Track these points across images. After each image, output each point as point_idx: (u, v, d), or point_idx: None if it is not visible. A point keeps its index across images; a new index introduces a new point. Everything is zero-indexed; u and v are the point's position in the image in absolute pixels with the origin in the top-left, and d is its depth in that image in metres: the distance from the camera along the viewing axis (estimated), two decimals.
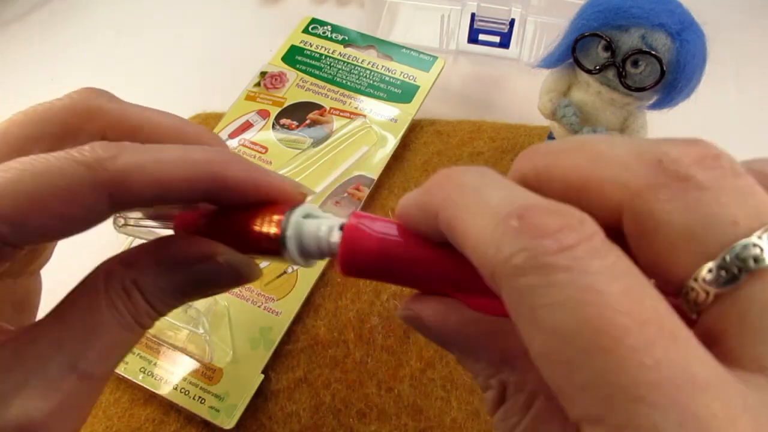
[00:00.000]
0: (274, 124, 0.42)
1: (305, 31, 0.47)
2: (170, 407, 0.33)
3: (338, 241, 0.18)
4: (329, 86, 0.44)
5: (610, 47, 0.32)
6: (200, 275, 0.19)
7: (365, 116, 0.42)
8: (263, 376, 0.33)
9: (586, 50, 0.33)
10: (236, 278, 0.20)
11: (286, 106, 0.43)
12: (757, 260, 0.13)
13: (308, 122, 0.42)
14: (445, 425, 0.32)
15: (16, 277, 0.22)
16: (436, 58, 0.45)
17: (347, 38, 0.46)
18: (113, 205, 0.18)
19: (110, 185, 0.17)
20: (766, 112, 0.45)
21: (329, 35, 0.46)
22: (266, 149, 0.41)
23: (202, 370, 0.33)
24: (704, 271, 0.13)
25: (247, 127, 0.42)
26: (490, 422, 0.32)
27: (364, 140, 0.41)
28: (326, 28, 0.47)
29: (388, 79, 0.44)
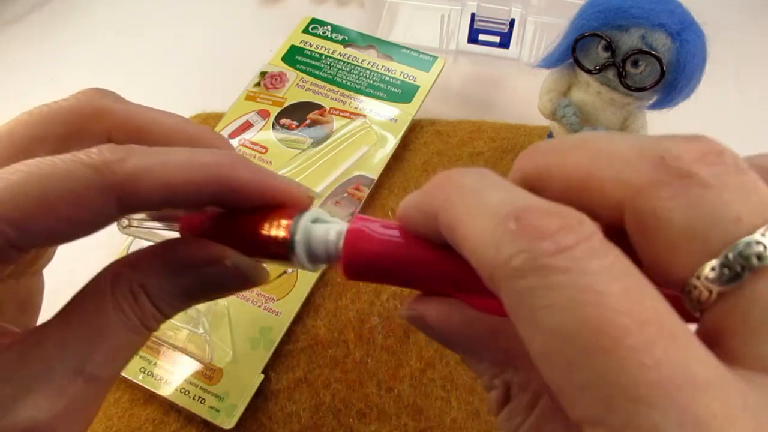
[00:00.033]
0: (274, 124, 0.42)
1: (305, 31, 0.47)
2: (170, 407, 0.33)
3: None
4: (329, 86, 0.44)
5: (610, 47, 0.32)
6: (208, 279, 0.19)
7: (365, 116, 0.42)
8: (263, 376, 0.33)
9: (586, 50, 0.33)
10: (244, 282, 0.20)
11: (286, 106, 0.43)
12: (760, 258, 0.12)
13: (308, 122, 0.42)
14: (445, 425, 0.32)
15: (18, 277, 0.22)
16: (436, 58, 0.45)
17: (347, 38, 0.46)
18: (121, 208, 0.18)
19: (118, 189, 0.17)
20: (766, 112, 0.45)
21: (329, 35, 0.46)
22: (266, 149, 0.41)
23: (202, 370, 0.33)
24: (707, 269, 0.13)
25: (247, 127, 0.42)
26: (490, 422, 0.32)
27: (364, 140, 0.41)
28: (326, 28, 0.47)
29: (388, 79, 0.44)
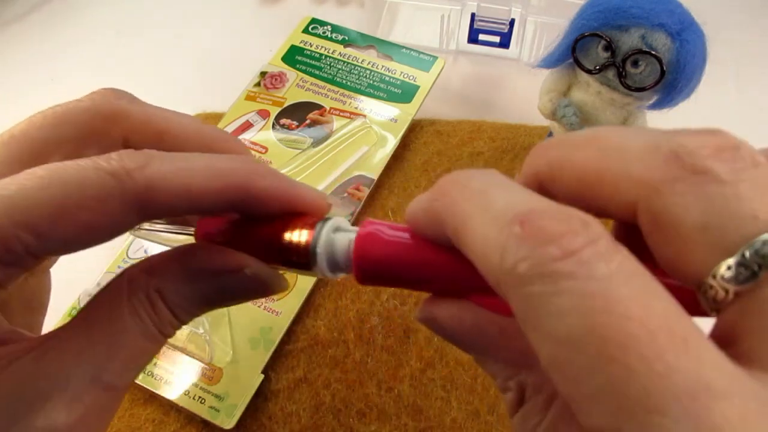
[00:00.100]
0: (274, 124, 0.42)
1: (305, 31, 0.47)
2: (170, 407, 0.33)
3: None
4: (329, 86, 0.44)
5: (610, 47, 0.32)
6: (226, 286, 0.19)
7: (365, 116, 0.42)
8: (263, 376, 0.33)
9: (586, 50, 0.33)
10: (263, 290, 0.20)
11: (286, 106, 0.43)
12: None
13: (308, 122, 0.42)
14: (445, 425, 0.32)
15: (27, 276, 0.22)
16: (436, 58, 0.45)
17: (347, 38, 0.46)
18: (140, 215, 0.17)
19: (138, 196, 0.17)
20: (766, 112, 0.45)
21: (329, 35, 0.46)
22: (266, 149, 0.41)
23: (202, 370, 0.33)
24: (723, 268, 0.12)
25: (247, 127, 0.42)
26: (490, 422, 0.32)
27: (364, 140, 0.41)
28: (326, 28, 0.47)
29: (388, 79, 0.44)
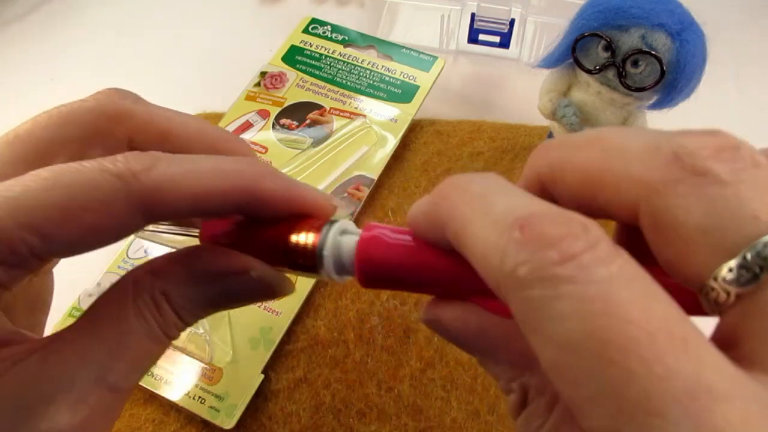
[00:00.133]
0: (274, 124, 0.42)
1: (305, 31, 0.47)
2: (170, 407, 0.33)
3: None
4: (329, 86, 0.44)
5: (610, 47, 0.32)
6: (232, 289, 0.19)
7: (365, 116, 0.42)
8: (263, 376, 0.33)
9: (586, 50, 0.33)
10: (268, 293, 0.20)
11: (286, 106, 0.43)
12: None
13: (308, 122, 0.42)
14: (445, 425, 0.32)
15: (31, 277, 0.22)
16: (436, 58, 0.45)
17: (347, 38, 0.46)
18: (146, 217, 0.17)
19: (144, 198, 0.17)
20: (766, 112, 0.45)
21: (329, 35, 0.46)
22: (266, 149, 0.41)
23: (202, 370, 0.33)
24: (724, 270, 0.12)
25: (247, 127, 0.42)
26: (490, 422, 0.32)
27: (364, 140, 0.41)
28: (326, 28, 0.47)
29: (388, 79, 0.44)
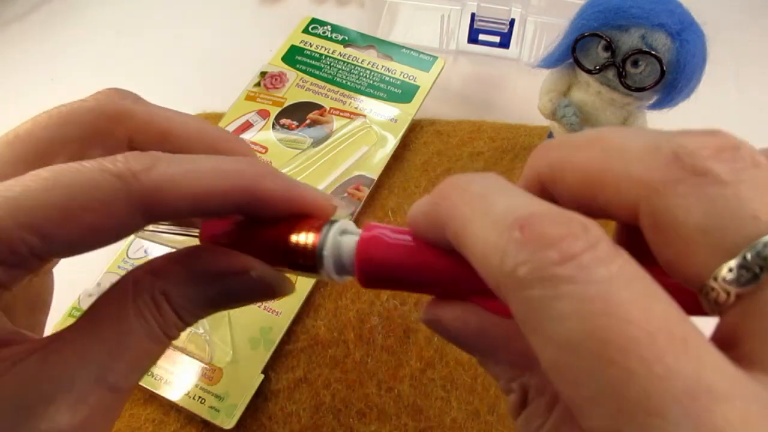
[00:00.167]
0: (274, 124, 0.42)
1: (305, 31, 0.47)
2: (170, 407, 0.33)
3: None
4: (329, 86, 0.44)
5: (610, 47, 0.32)
6: (232, 289, 0.19)
7: (365, 116, 0.42)
8: (263, 376, 0.33)
9: (586, 50, 0.33)
10: (268, 293, 0.20)
11: (286, 106, 0.43)
12: None
13: (308, 122, 0.42)
14: (445, 425, 0.32)
15: (31, 277, 0.22)
16: (436, 58, 0.45)
17: (347, 38, 0.46)
18: (146, 218, 0.17)
19: (144, 198, 0.17)
20: (766, 112, 0.45)
21: (329, 35, 0.46)
22: (266, 149, 0.41)
23: (202, 370, 0.33)
24: (724, 270, 0.12)
25: (247, 127, 0.42)
26: (490, 422, 0.32)
27: (364, 140, 0.41)
28: (326, 28, 0.47)
29: (388, 79, 0.44)
